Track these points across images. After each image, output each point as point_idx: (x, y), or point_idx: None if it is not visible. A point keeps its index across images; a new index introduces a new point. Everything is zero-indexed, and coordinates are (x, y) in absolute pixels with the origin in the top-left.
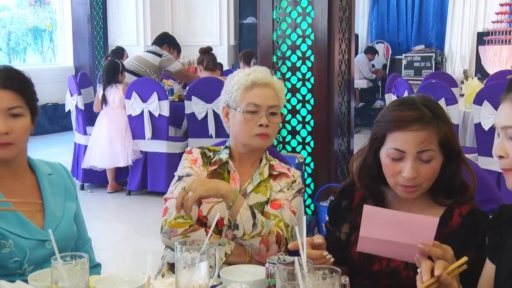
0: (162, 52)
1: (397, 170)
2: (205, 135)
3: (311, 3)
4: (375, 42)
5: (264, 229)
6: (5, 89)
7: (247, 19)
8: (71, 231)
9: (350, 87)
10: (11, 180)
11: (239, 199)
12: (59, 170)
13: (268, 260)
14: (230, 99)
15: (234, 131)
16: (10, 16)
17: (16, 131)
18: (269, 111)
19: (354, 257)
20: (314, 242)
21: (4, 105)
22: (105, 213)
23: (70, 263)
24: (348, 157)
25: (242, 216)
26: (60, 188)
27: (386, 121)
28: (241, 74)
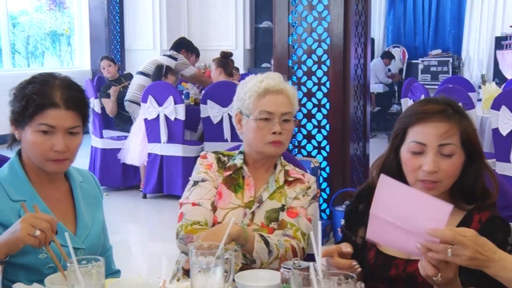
0: (178, 55)
1: (417, 165)
2: (220, 139)
3: (327, 8)
4: (391, 46)
5: (280, 250)
6: (68, 110)
7: (262, 23)
8: (99, 240)
9: (366, 92)
10: (49, 186)
11: (250, 235)
12: (88, 179)
13: (283, 265)
14: (243, 106)
15: (248, 138)
16: (29, 21)
17: (72, 148)
18: (282, 118)
19: (370, 262)
20: (342, 251)
21: (66, 125)
22: (121, 216)
23: (86, 266)
24: (364, 162)
25: (258, 250)
26: (90, 197)
27: (408, 115)
28: (254, 80)
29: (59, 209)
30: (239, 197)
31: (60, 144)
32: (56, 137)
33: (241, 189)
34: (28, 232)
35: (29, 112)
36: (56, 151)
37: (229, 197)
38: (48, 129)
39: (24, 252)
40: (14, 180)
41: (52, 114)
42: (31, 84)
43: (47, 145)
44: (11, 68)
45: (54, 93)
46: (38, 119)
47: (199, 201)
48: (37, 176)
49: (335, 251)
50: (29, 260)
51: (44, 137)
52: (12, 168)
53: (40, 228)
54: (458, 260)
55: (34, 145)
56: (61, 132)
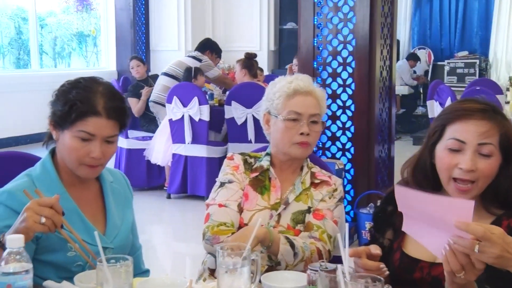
0: (202, 57)
1: (453, 162)
2: (244, 140)
3: (353, 9)
4: (417, 48)
5: (306, 253)
6: (109, 120)
7: (287, 25)
8: (128, 240)
9: (392, 94)
10: (80, 186)
11: (276, 237)
12: (119, 179)
13: (309, 267)
14: (271, 106)
15: (275, 139)
16: (57, 22)
17: (107, 156)
18: (310, 119)
19: (395, 264)
20: (371, 252)
21: (105, 134)
22: (145, 216)
23: (115, 265)
24: (389, 164)
25: (283, 252)
26: (121, 197)
27: (448, 113)
28: (283, 81)
29: (89, 209)
30: (265, 199)
31: (97, 152)
32: (94, 144)
33: (267, 191)
34: (34, 220)
35: (71, 118)
36: (92, 157)
37: (255, 198)
38: (88, 136)
39: (52, 249)
40: (46, 179)
41: (93, 122)
42: (75, 89)
43: (84, 151)
44: (39, 68)
45: (97, 101)
46: (79, 125)
47: (226, 202)
48: (68, 176)
49: (363, 252)
50: (57, 257)
51: (82, 143)
52: (44, 167)
53: (45, 215)
54: (484, 257)
55: (72, 150)
56: (99, 139)
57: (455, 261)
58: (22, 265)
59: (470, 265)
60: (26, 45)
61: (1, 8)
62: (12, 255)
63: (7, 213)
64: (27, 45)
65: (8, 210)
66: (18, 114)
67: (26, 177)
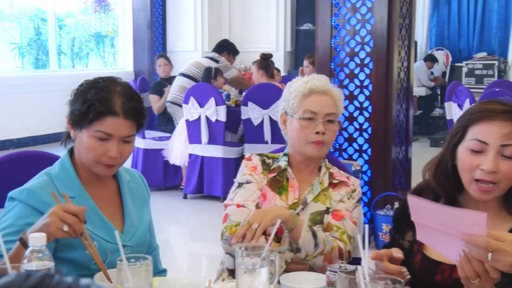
0: (220, 58)
1: (475, 164)
2: (260, 141)
3: (371, 10)
4: (435, 49)
5: (326, 246)
6: (127, 120)
7: (303, 25)
8: (145, 239)
9: (409, 95)
10: (98, 185)
11: (299, 222)
12: (136, 178)
13: (329, 268)
14: (287, 106)
15: (291, 138)
16: (75, 23)
17: (124, 155)
18: (326, 118)
19: (416, 266)
20: (393, 255)
21: (122, 134)
22: (162, 216)
23: (135, 264)
24: (406, 166)
25: (304, 239)
26: (138, 196)
27: (470, 113)
28: (299, 81)
29: (107, 207)
30: (283, 199)
31: (114, 151)
32: (111, 144)
33: (285, 191)
34: (57, 227)
35: (89, 118)
36: (109, 157)
37: (273, 198)
38: (105, 136)
39: (71, 247)
40: (65, 177)
41: (110, 122)
42: (93, 88)
43: (101, 150)
44: (57, 69)
45: (115, 101)
46: (97, 125)
47: (244, 203)
48: (86, 174)
49: (385, 255)
50: (76, 255)
51: (100, 143)
52: (62, 166)
53: (68, 222)
54: (499, 265)
55: (89, 149)
56: (116, 139)
57: (469, 268)
58: (44, 263)
59: (485, 273)
60: (45, 46)
61: (21, 9)
62: (35, 253)
63: (27, 211)
64: (46, 46)
65: (29, 208)
66: (36, 114)
67: (45, 175)
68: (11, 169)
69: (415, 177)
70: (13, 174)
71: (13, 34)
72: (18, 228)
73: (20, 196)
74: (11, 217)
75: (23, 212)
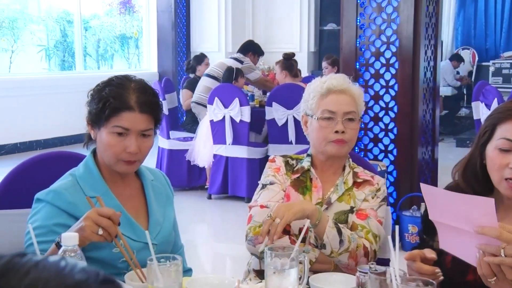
0: (244, 59)
1: (504, 162)
2: (285, 141)
3: (397, 9)
4: (460, 48)
5: (351, 244)
6: (142, 114)
7: (327, 26)
8: (170, 237)
9: (435, 95)
10: (121, 184)
11: (324, 217)
12: (160, 178)
13: (359, 269)
14: (307, 107)
15: (312, 139)
16: (100, 24)
17: (143, 150)
18: (345, 117)
19: (447, 267)
20: (426, 256)
21: (140, 128)
22: (186, 216)
23: (165, 264)
24: (432, 166)
25: (329, 234)
26: (162, 195)
27: (498, 112)
28: (317, 82)
29: (131, 205)
30: (307, 199)
31: (133, 146)
32: (130, 139)
33: (308, 191)
34: (92, 230)
35: (105, 114)
36: (129, 152)
37: (297, 199)
38: (123, 131)
39: (98, 246)
40: (89, 177)
41: (127, 117)
42: (108, 86)
43: (121, 146)
44: (83, 70)
45: (129, 97)
46: (114, 121)
47: (267, 203)
48: (110, 174)
49: (418, 255)
50: (103, 254)
51: (118, 139)
52: (87, 166)
53: (103, 226)
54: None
55: (108, 146)
56: (134, 134)
57: (486, 266)
58: None
59: (501, 273)
60: (71, 48)
61: (48, 11)
62: (67, 253)
63: (54, 211)
64: (72, 48)
65: (55, 208)
66: (63, 115)
67: (70, 176)
68: (39, 170)
69: (441, 177)
70: (41, 175)
71: (40, 36)
72: (48, 228)
73: (47, 197)
74: (40, 218)
75: (50, 213)
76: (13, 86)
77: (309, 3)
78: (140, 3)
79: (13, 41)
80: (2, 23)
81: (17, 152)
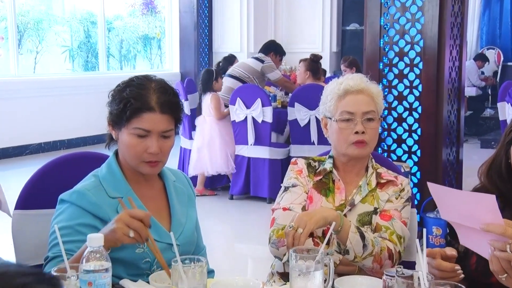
0: (265, 58)
1: None
2: (307, 142)
3: (421, 9)
4: (485, 48)
5: (375, 247)
6: (163, 114)
7: (350, 26)
8: (192, 237)
9: (460, 95)
10: (144, 184)
11: (346, 223)
12: (181, 178)
13: (385, 273)
14: (325, 110)
15: (333, 141)
16: (123, 25)
17: (165, 151)
18: (364, 117)
19: (471, 268)
20: (446, 254)
21: (160, 129)
22: (208, 217)
23: (189, 266)
24: (457, 167)
25: (352, 240)
26: (184, 196)
27: None
28: (334, 83)
29: (153, 206)
30: (330, 201)
31: (154, 147)
32: (150, 140)
33: (331, 193)
34: (123, 232)
35: (126, 115)
36: (150, 153)
37: (319, 201)
38: (144, 133)
39: (121, 247)
40: (112, 178)
41: (147, 118)
42: (128, 87)
43: (142, 147)
44: (106, 71)
45: (150, 97)
46: (135, 122)
47: (290, 206)
48: (132, 174)
49: (438, 253)
50: (126, 254)
51: (139, 140)
52: (109, 167)
53: (134, 228)
54: None
55: (129, 147)
56: (155, 135)
57: (496, 262)
58: (102, 264)
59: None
60: (94, 48)
61: (72, 12)
62: (93, 254)
63: (78, 211)
64: (95, 48)
65: (80, 209)
66: (86, 115)
67: (93, 177)
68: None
69: (466, 179)
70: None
71: (65, 37)
72: (73, 229)
73: (71, 198)
74: (64, 219)
75: (74, 213)
76: (38, 87)
77: (331, 3)
78: (162, 3)
79: (38, 42)
80: (27, 25)
81: (41, 152)
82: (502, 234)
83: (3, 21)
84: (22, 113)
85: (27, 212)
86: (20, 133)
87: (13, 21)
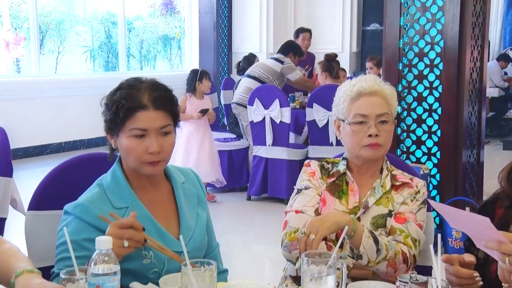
0: (285, 59)
1: None
2: (325, 143)
3: (442, 9)
4: (508, 48)
5: (389, 252)
6: (157, 110)
7: (370, 26)
8: (203, 241)
9: (482, 96)
10: (150, 190)
11: (359, 228)
12: (191, 178)
13: (399, 278)
14: (338, 112)
15: (346, 144)
16: (143, 26)
17: (166, 149)
18: (378, 119)
19: (491, 276)
20: (464, 260)
21: (157, 125)
22: (225, 217)
23: (199, 269)
24: (478, 170)
25: (365, 245)
26: (193, 197)
27: None
28: (347, 85)
29: (161, 212)
30: (344, 203)
31: (154, 146)
32: (149, 139)
33: (345, 195)
34: (118, 246)
35: (120, 118)
36: (151, 153)
37: (333, 203)
38: (141, 132)
39: (129, 258)
40: (117, 187)
41: (142, 116)
42: (119, 90)
43: (142, 148)
44: (126, 71)
45: (141, 95)
46: (130, 123)
47: (303, 208)
48: (138, 180)
49: (456, 259)
50: (134, 265)
51: (138, 141)
52: (114, 175)
53: (127, 237)
54: None
55: (129, 150)
56: (153, 133)
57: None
58: (110, 267)
59: None
60: (115, 48)
61: (93, 13)
62: (101, 257)
63: (82, 226)
64: (115, 48)
65: (83, 223)
66: None
67: (97, 187)
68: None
69: (487, 181)
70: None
71: (86, 37)
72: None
73: (74, 211)
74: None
75: (78, 227)
76: (59, 87)
77: (351, 3)
78: (182, 4)
79: (59, 43)
80: (49, 25)
81: (61, 151)
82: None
83: (25, 22)
84: (43, 113)
85: (40, 213)
86: (41, 132)
87: (35, 22)
